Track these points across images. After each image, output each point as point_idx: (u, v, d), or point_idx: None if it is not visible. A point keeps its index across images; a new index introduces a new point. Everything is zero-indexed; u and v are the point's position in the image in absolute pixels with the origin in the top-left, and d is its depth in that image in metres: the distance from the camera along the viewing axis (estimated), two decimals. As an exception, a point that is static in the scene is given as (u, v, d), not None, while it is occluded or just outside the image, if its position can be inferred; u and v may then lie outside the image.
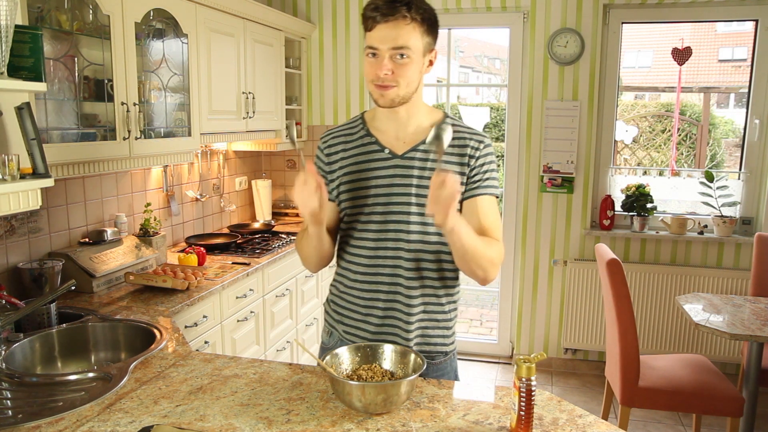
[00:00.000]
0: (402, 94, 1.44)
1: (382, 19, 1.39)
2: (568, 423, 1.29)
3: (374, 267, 1.54)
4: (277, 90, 3.57)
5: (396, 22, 1.38)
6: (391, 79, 1.42)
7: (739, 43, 4.83)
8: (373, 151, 1.53)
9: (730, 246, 3.64)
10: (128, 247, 2.58)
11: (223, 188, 3.66)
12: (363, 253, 1.54)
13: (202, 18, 2.71)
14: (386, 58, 1.40)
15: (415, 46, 1.41)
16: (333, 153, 1.57)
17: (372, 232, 1.52)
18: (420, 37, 1.42)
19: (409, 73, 1.42)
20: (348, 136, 1.57)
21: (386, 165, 1.51)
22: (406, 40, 1.40)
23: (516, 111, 3.86)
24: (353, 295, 1.58)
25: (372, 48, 1.42)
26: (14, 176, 1.57)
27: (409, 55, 1.41)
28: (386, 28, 1.39)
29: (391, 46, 1.39)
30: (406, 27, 1.39)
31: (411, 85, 1.45)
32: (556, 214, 3.81)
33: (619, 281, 2.57)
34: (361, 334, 1.57)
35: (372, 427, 1.26)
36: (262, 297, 2.93)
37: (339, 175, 1.55)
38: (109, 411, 1.35)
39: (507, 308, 4.10)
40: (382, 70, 1.40)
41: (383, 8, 1.38)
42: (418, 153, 1.51)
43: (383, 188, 1.50)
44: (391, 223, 1.51)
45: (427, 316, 1.57)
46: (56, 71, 2.06)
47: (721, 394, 2.55)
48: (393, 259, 1.52)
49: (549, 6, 3.63)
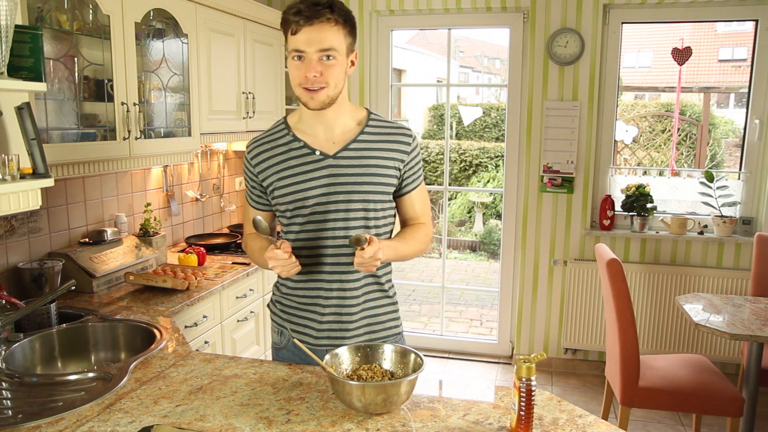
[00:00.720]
0: (331, 94, 1.50)
1: (306, 22, 1.42)
2: (568, 423, 1.29)
3: (316, 266, 1.58)
4: (277, 90, 3.57)
5: (320, 24, 1.43)
6: (320, 81, 1.47)
7: (739, 43, 4.83)
8: (304, 155, 1.56)
9: (730, 246, 3.64)
10: (128, 247, 2.58)
11: (223, 188, 3.66)
12: (305, 253, 1.58)
13: (202, 18, 2.71)
14: (314, 60, 1.45)
15: (340, 47, 1.47)
16: (260, 162, 1.60)
17: (312, 232, 1.57)
18: (343, 38, 1.48)
19: (336, 73, 1.48)
20: (273, 143, 1.61)
21: (320, 166, 1.55)
22: (332, 41, 1.45)
23: (516, 111, 3.86)
24: (298, 294, 1.62)
25: (298, 51, 1.45)
26: (14, 176, 1.57)
27: (335, 56, 1.46)
28: (311, 31, 1.43)
29: (318, 48, 1.44)
30: (330, 29, 1.44)
31: (338, 85, 1.51)
32: (556, 214, 3.81)
33: (619, 281, 2.57)
34: (308, 331, 1.62)
35: (372, 427, 1.26)
36: (262, 297, 2.93)
37: (271, 182, 1.58)
38: (109, 411, 1.35)
39: (507, 308, 4.10)
40: (310, 71, 1.45)
41: (306, 12, 1.42)
42: (349, 152, 1.56)
43: (321, 188, 1.54)
44: (330, 222, 1.55)
45: (372, 304, 1.63)
46: (56, 71, 2.06)
47: (721, 394, 2.55)
48: (335, 256, 1.57)
49: (549, 6, 3.63)
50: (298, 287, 1.62)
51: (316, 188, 1.54)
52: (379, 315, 1.64)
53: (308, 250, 1.58)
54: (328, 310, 1.59)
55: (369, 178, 1.55)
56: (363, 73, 3.96)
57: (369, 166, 1.55)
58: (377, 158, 1.56)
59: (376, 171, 1.55)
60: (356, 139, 1.57)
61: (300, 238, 1.58)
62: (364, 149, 1.56)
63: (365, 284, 1.60)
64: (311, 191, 1.54)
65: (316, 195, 1.54)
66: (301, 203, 1.55)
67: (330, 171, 1.54)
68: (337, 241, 1.56)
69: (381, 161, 1.56)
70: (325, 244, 1.56)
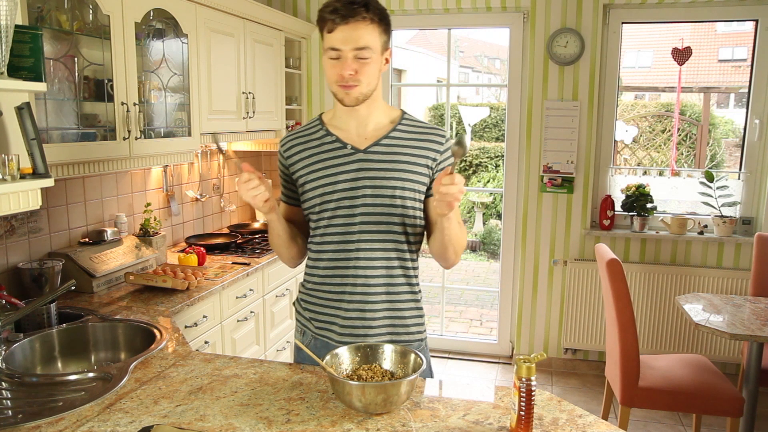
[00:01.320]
0: (365, 92, 1.50)
1: (341, 21, 1.42)
2: (568, 423, 1.29)
3: (343, 261, 1.57)
4: (277, 90, 3.57)
5: (356, 23, 1.43)
6: (354, 79, 1.47)
7: (739, 43, 4.83)
8: (336, 148, 1.57)
9: (730, 246, 3.64)
10: (128, 247, 2.58)
11: (223, 188, 3.66)
12: (331, 248, 1.58)
13: (202, 18, 2.71)
14: (350, 58, 1.45)
15: (375, 46, 1.47)
16: (291, 155, 1.61)
17: (340, 226, 1.56)
18: (378, 36, 1.48)
19: (370, 71, 1.48)
20: (307, 137, 1.61)
21: (350, 160, 1.55)
22: (368, 40, 1.45)
23: (516, 111, 3.86)
24: (323, 290, 1.61)
25: (335, 49, 1.46)
26: (14, 176, 1.57)
27: (370, 54, 1.46)
28: (347, 29, 1.43)
29: (354, 46, 1.44)
30: (366, 27, 1.44)
31: (372, 83, 1.51)
32: (556, 214, 3.81)
33: (619, 281, 2.57)
34: (333, 328, 1.60)
35: (372, 427, 1.26)
36: (262, 297, 2.93)
37: (301, 175, 1.59)
38: (109, 411, 1.35)
39: (507, 308, 4.10)
40: (346, 70, 1.45)
41: (342, 10, 1.42)
42: (380, 147, 1.55)
43: (349, 182, 1.54)
44: (358, 216, 1.54)
45: (395, 305, 1.60)
46: (56, 71, 2.06)
47: (721, 394, 2.55)
48: (360, 251, 1.56)
49: (549, 6, 3.63)
50: (324, 282, 1.60)
51: (344, 181, 1.54)
52: (405, 318, 1.61)
53: (335, 245, 1.57)
54: (353, 306, 1.57)
55: (398, 173, 1.54)
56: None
57: (399, 162, 1.54)
58: (408, 155, 1.56)
59: (405, 167, 1.54)
60: (388, 135, 1.57)
61: (328, 232, 1.57)
62: (395, 146, 1.56)
63: (389, 283, 1.58)
64: (339, 184, 1.54)
65: (343, 188, 1.53)
66: (329, 196, 1.54)
67: (359, 165, 1.54)
68: (364, 235, 1.55)
69: (412, 158, 1.56)
70: (351, 239, 1.55)
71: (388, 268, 1.57)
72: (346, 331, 1.59)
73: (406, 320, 1.62)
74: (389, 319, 1.60)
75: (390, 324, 1.60)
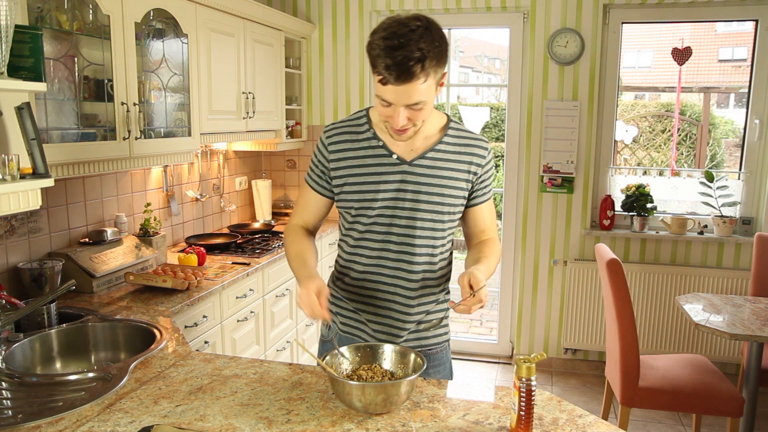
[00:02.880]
0: (419, 128, 1.46)
1: (395, 81, 1.32)
2: (568, 423, 1.29)
3: (377, 267, 1.56)
4: (277, 90, 3.57)
5: (410, 84, 1.32)
6: (407, 125, 1.42)
7: (739, 43, 4.82)
8: (381, 155, 1.53)
9: (730, 246, 3.64)
10: (128, 247, 2.58)
11: (223, 188, 3.66)
12: (366, 253, 1.57)
13: (202, 18, 2.71)
14: (401, 109, 1.38)
15: (430, 94, 1.38)
16: (338, 150, 1.56)
17: (377, 234, 1.55)
18: (434, 84, 1.38)
19: (424, 114, 1.42)
20: (354, 134, 1.56)
21: (394, 170, 1.52)
22: (421, 96, 1.36)
23: (516, 111, 3.86)
24: (355, 292, 1.61)
25: (385, 101, 1.38)
26: (14, 176, 1.57)
27: (424, 105, 1.38)
28: (400, 90, 1.34)
29: (407, 103, 1.37)
30: (420, 86, 1.34)
31: (426, 120, 1.45)
32: (556, 214, 3.81)
33: (619, 281, 2.56)
34: (358, 330, 1.62)
35: (372, 427, 1.26)
36: (262, 297, 2.93)
37: (342, 175, 1.55)
38: (109, 411, 1.35)
39: (507, 308, 4.10)
40: (398, 122, 1.39)
41: (395, 71, 1.30)
42: (425, 161, 1.52)
43: (391, 193, 1.52)
44: (396, 227, 1.53)
45: (425, 317, 1.62)
46: (56, 71, 2.06)
47: (721, 394, 2.55)
48: (396, 261, 1.55)
49: (549, 6, 3.63)
50: (356, 285, 1.60)
51: (387, 191, 1.51)
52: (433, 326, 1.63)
53: (369, 251, 1.56)
54: (383, 312, 1.58)
55: (440, 189, 1.52)
56: (363, 73, 3.96)
57: (442, 177, 1.52)
58: (451, 170, 1.53)
59: (447, 183, 1.53)
60: (434, 148, 1.53)
61: (364, 237, 1.56)
62: (440, 159, 1.53)
63: (423, 294, 1.58)
64: (380, 194, 1.51)
65: (384, 198, 1.51)
66: (369, 204, 1.52)
67: (402, 177, 1.51)
68: (402, 247, 1.54)
69: (455, 173, 1.53)
70: (388, 248, 1.54)
71: (424, 280, 1.57)
72: (374, 335, 1.60)
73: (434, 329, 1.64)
74: (417, 324, 1.61)
75: (416, 330, 1.62)
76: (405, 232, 1.53)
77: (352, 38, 3.94)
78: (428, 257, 1.56)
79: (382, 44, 1.32)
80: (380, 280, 1.57)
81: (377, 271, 1.56)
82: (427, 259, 1.56)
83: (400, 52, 1.29)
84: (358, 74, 3.97)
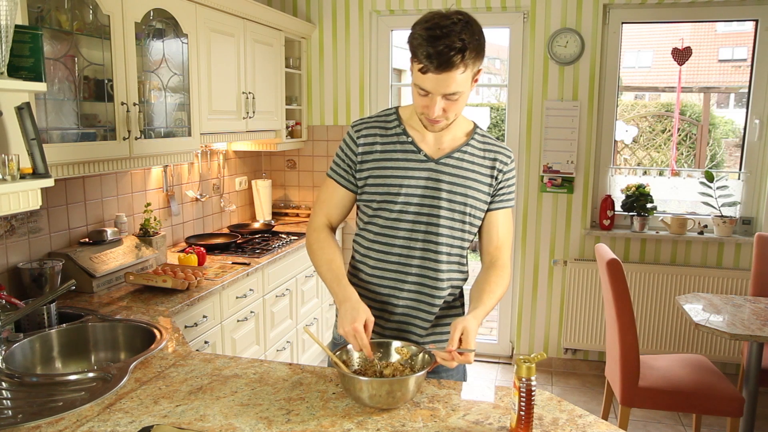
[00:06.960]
0: (451, 122, 1.48)
1: (435, 70, 1.35)
2: (568, 423, 1.29)
3: (396, 264, 1.56)
4: (277, 90, 3.57)
5: (450, 73, 1.36)
6: (443, 116, 1.44)
7: (739, 43, 4.82)
8: (409, 151, 1.54)
9: (730, 246, 3.64)
10: (128, 247, 2.58)
11: (223, 188, 3.66)
12: (386, 249, 1.56)
13: (202, 18, 2.71)
14: (438, 98, 1.40)
15: (466, 86, 1.42)
16: (367, 144, 1.56)
17: (401, 230, 1.55)
18: (471, 75, 1.41)
19: (459, 106, 1.45)
20: (383, 129, 1.58)
21: (421, 167, 1.53)
22: (459, 85, 1.39)
23: (516, 111, 3.86)
24: (369, 289, 1.60)
25: (423, 90, 1.41)
26: (14, 176, 1.57)
27: (460, 95, 1.42)
28: (440, 79, 1.37)
29: (445, 92, 1.39)
30: (459, 75, 1.37)
31: (459, 113, 1.48)
32: (556, 214, 3.81)
33: (619, 281, 2.56)
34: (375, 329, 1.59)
35: (372, 427, 1.26)
36: (262, 297, 2.93)
37: (368, 167, 1.55)
38: (109, 411, 1.35)
39: (507, 308, 4.10)
40: (433, 111, 1.42)
41: (436, 60, 1.34)
42: (451, 160, 1.54)
43: (415, 189, 1.52)
44: (421, 224, 1.54)
45: (444, 312, 1.62)
46: (56, 71, 2.06)
47: (721, 394, 2.55)
48: (420, 259, 1.55)
49: (549, 6, 3.63)
50: (372, 281, 1.59)
51: (411, 187, 1.52)
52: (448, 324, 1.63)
53: (388, 247, 1.56)
54: (400, 311, 1.58)
55: (464, 189, 1.53)
56: (363, 73, 3.96)
57: (466, 177, 1.54)
58: (476, 172, 1.55)
59: (472, 184, 1.54)
60: (460, 149, 1.55)
61: (383, 233, 1.56)
62: (465, 160, 1.55)
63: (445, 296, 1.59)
64: (404, 188, 1.52)
65: (408, 194, 1.52)
66: (392, 197, 1.53)
67: (429, 174, 1.53)
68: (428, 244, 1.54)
69: (479, 176, 1.55)
70: (414, 245, 1.54)
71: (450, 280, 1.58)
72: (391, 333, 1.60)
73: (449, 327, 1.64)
74: (433, 325, 1.61)
75: (432, 332, 1.62)
76: (429, 230, 1.53)
77: (352, 38, 3.94)
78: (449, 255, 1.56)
79: (424, 34, 1.35)
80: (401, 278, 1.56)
81: (394, 269, 1.56)
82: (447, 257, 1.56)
83: (442, 41, 1.33)
84: (358, 74, 3.97)
